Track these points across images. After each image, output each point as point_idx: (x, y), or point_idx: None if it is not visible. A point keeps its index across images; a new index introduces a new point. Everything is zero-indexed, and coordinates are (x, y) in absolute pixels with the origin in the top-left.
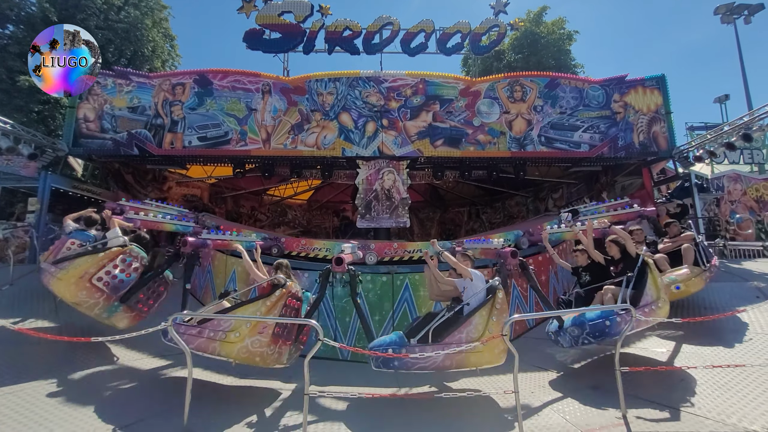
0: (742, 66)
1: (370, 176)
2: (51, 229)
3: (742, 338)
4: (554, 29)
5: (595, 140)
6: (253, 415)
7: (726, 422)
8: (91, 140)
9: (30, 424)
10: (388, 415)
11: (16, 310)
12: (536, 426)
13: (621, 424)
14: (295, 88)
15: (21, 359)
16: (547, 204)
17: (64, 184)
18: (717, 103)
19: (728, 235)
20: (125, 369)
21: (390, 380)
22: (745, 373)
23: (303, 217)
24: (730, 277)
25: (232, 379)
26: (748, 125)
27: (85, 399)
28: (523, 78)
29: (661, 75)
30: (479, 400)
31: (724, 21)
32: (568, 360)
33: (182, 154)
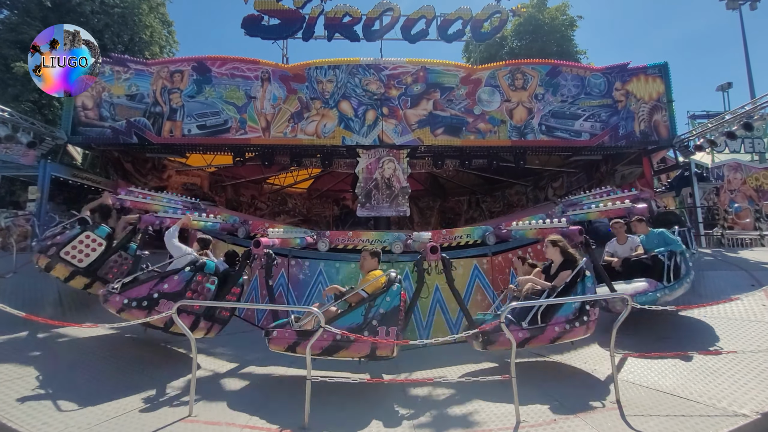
0: (746, 54)
1: (370, 165)
2: (52, 218)
3: (735, 326)
4: (557, 15)
5: (596, 129)
6: (257, 399)
7: (716, 406)
8: (90, 128)
9: (39, 408)
10: (387, 398)
11: (20, 297)
12: (532, 409)
13: (614, 408)
14: (295, 76)
15: (28, 345)
16: (547, 193)
17: (64, 173)
18: (719, 92)
19: (726, 224)
20: (130, 355)
21: (390, 367)
22: (737, 359)
23: (303, 205)
24: (726, 266)
25: (234, 363)
26: (749, 114)
27: (90, 383)
28: (525, 66)
29: (663, 63)
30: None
31: (730, 7)
32: (559, 348)
33: (181, 142)
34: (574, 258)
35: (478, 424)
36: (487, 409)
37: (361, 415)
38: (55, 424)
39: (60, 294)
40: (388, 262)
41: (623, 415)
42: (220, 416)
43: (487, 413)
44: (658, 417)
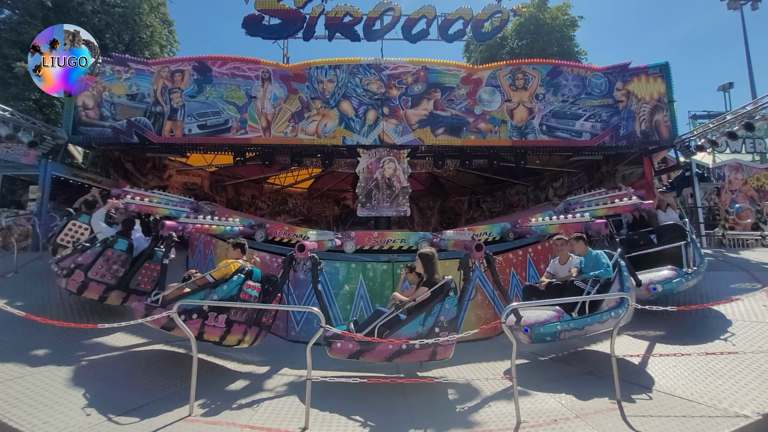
0: (748, 53)
1: (370, 165)
2: (53, 217)
3: (735, 326)
4: (558, 14)
5: (597, 129)
6: (257, 399)
7: (717, 407)
8: (91, 128)
9: (40, 407)
10: (388, 399)
11: (22, 296)
12: (532, 410)
13: (615, 408)
14: (295, 76)
15: (30, 345)
16: (548, 193)
17: (65, 172)
18: (721, 92)
19: (727, 225)
20: (130, 353)
21: (391, 368)
22: (738, 360)
23: (303, 205)
24: (727, 266)
25: (236, 364)
26: (751, 114)
27: (92, 383)
28: (525, 65)
29: (664, 63)
30: (478, 385)
31: (731, 7)
32: (561, 348)
33: (182, 142)
34: (431, 278)
35: (479, 425)
36: (488, 410)
37: (361, 416)
38: (55, 423)
39: (61, 294)
40: (388, 261)
41: (624, 415)
42: (221, 416)
43: (488, 413)
44: (659, 417)
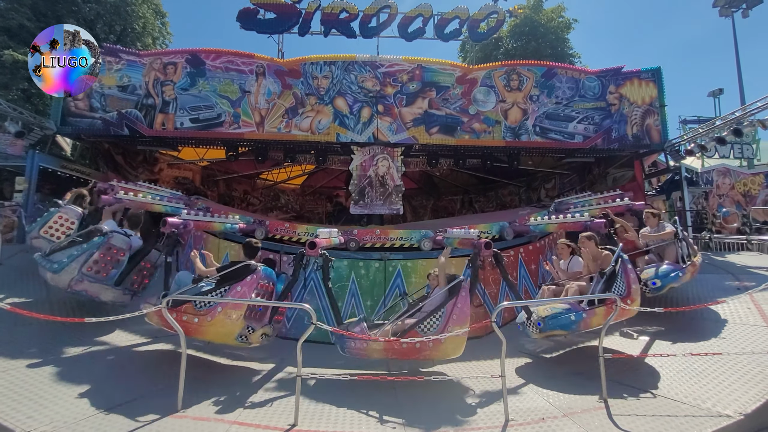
0: (738, 60)
1: (364, 162)
2: (39, 209)
3: (720, 328)
4: (553, 17)
5: (590, 131)
6: (247, 396)
7: (701, 407)
8: (80, 119)
9: (25, 401)
10: (377, 396)
11: (6, 290)
12: (521, 408)
13: (602, 407)
14: (290, 71)
15: (14, 339)
16: (540, 194)
17: (53, 164)
18: (711, 97)
19: (714, 228)
20: (118, 349)
21: (381, 364)
22: (722, 361)
23: (296, 201)
24: (713, 269)
25: (226, 360)
26: (739, 120)
27: (79, 378)
28: (520, 66)
29: (657, 67)
30: (468, 383)
31: (723, 14)
32: (551, 347)
33: (174, 135)
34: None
35: (467, 423)
36: (477, 408)
37: (350, 413)
38: (40, 418)
39: (48, 289)
40: (380, 259)
41: (610, 414)
42: (209, 412)
43: (477, 411)
44: (645, 417)
